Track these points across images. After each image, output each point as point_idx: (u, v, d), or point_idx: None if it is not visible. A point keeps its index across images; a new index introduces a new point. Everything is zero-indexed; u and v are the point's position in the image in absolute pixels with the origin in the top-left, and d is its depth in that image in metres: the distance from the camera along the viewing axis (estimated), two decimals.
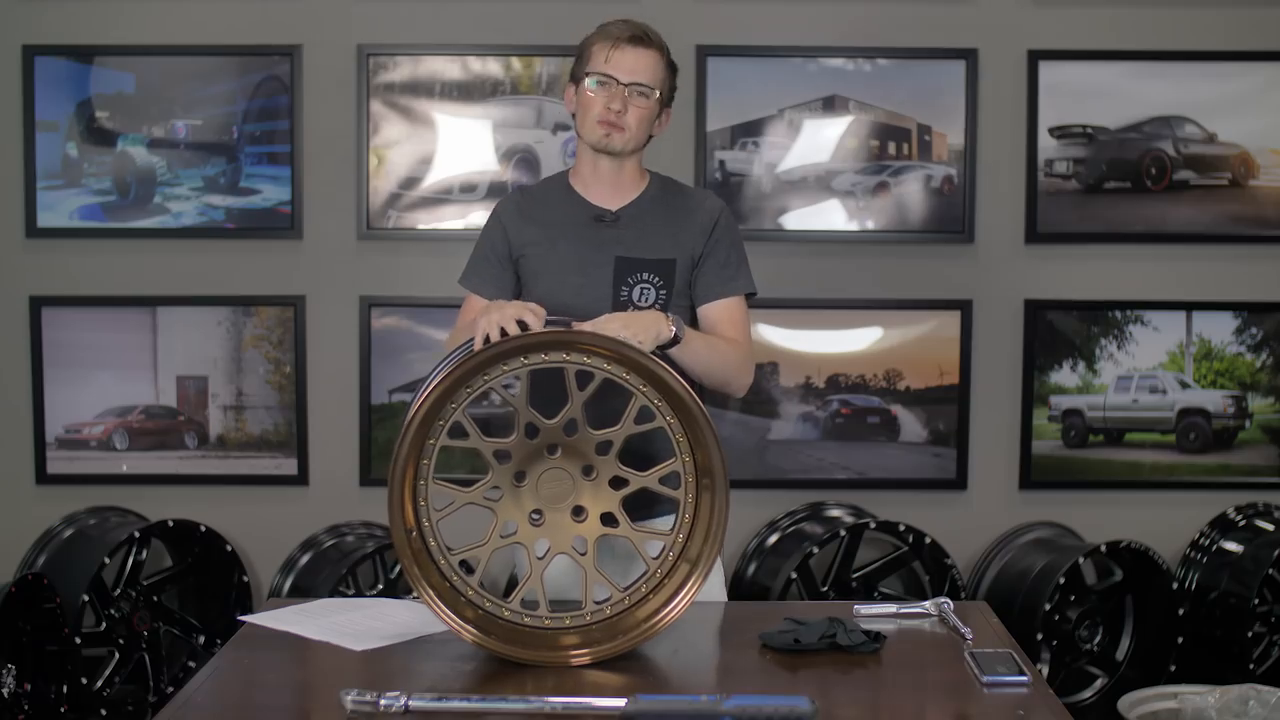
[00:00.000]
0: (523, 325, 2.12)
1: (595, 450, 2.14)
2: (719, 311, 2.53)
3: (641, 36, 2.48)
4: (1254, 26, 3.93)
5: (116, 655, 3.63)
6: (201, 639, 3.80)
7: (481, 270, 2.58)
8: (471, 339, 2.15)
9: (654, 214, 2.53)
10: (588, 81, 2.48)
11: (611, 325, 2.16)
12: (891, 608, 2.38)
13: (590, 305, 2.41)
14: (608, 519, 2.16)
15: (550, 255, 2.51)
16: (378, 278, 3.94)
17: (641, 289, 2.48)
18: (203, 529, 3.76)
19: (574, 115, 2.54)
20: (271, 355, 3.95)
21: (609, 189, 2.53)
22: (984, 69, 3.91)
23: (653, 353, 2.17)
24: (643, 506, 2.27)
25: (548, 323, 2.18)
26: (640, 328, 2.20)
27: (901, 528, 3.77)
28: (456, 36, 3.90)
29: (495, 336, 2.10)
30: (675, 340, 2.31)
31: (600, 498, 2.16)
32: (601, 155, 2.50)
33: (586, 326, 2.15)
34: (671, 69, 2.53)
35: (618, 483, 2.16)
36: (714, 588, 2.54)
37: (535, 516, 2.16)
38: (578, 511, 2.17)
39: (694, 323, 2.55)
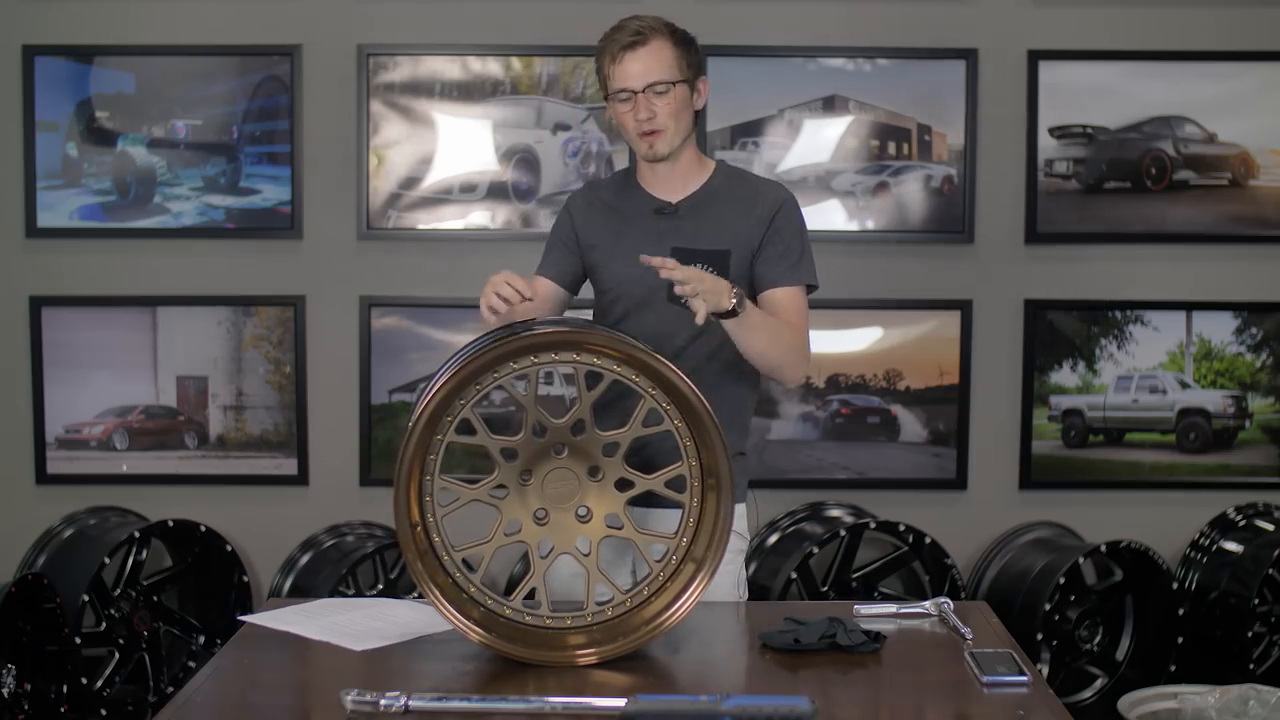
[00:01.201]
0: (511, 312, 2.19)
1: (602, 451, 2.14)
2: (776, 299, 2.54)
3: (635, 37, 2.47)
4: (1253, 26, 3.93)
5: (116, 655, 3.63)
6: (201, 639, 3.80)
7: (549, 255, 2.65)
8: (481, 336, 2.18)
9: (714, 205, 2.56)
10: (611, 102, 2.52)
11: (693, 279, 2.23)
12: (891, 608, 2.38)
13: (648, 293, 2.50)
14: (612, 520, 2.17)
15: (615, 248, 2.57)
16: (378, 278, 3.94)
17: None
18: (203, 529, 3.76)
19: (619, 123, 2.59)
20: (271, 355, 3.95)
21: (670, 182, 2.57)
22: (984, 69, 3.91)
23: (713, 316, 2.27)
24: (647, 492, 2.27)
25: (554, 323, 2.20)
26: (706, 288, 2.26)
27: (901, 528, 3.77)
28: (456, 36, 3.90)
29: (499, 306, 2.19)
30: (733, 313, 2.33)
31: (605, 499, 2.16)
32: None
33: (675, 271, 2.22)
34: (684, 44, 2.53)
35: (623, 484, 2.16)
36: (729, 584, 2.55)
37: (540, 515, 2.16)
38: (583, 512, 2.17)
39: None
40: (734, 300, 2.32)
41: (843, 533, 3.74)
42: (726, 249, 2.52)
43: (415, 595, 3.31)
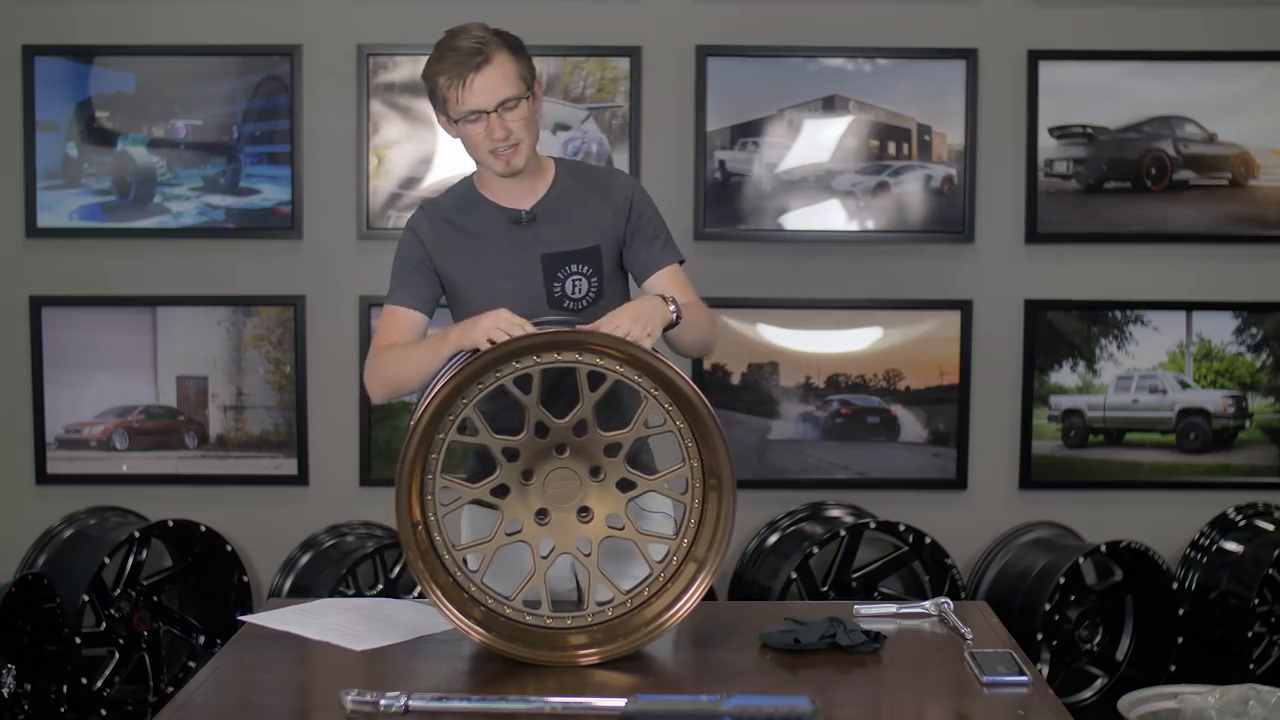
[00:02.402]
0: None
1: (604, 452, 2.14)
2: (665, 281, 2.51)
3: (479, 57, 2.39)
4: (1254, 26, 3.93)
5: (116, 655, 3.63)
6: (201, 639, 3.80)
7: (405, 283, 2.52)
8: (461, 353, 2.18)
9: (569, 204, 2.51)
10: (457, 123, 2.43)
11: (622, 322, 2.17)
12: (891, 608, 2.38)
13: (527, 307, 2.38)
14: (613, 520, 2.17)
15: (478, 265, 2.49)
16: (378, 278, 3.88)
17: (573, 281, 2.47)
18: (203, 529, 3.76)
19: (461, 143, 2.48)
20: (271, 355, 3.95)
21: (517, 190, 2.50)
22: (984, 69, 3.91)
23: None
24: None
25: (555, 323, 2.20)
26: (649, 316, 2.22)
27: (901, 528, 3.77)
28: None
29: (500, 339, 2.11)
30: (678, 319, 2.31)
31: (607, 499, 2.16)
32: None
33: (601, 326, 2.15)
34: (519, 51, 2.45)
35: (625, 485, 2.16)
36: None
37: (541, 516, 2.16)
38: (584, 512, 2.17)
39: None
40: (673, 308, 2.30)
41: (843, 533, 3.74)
42: (596, 245, 2.49)
43: (415, 595, 3.31)
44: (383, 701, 1.88)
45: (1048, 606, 3.67)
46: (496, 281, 2.46)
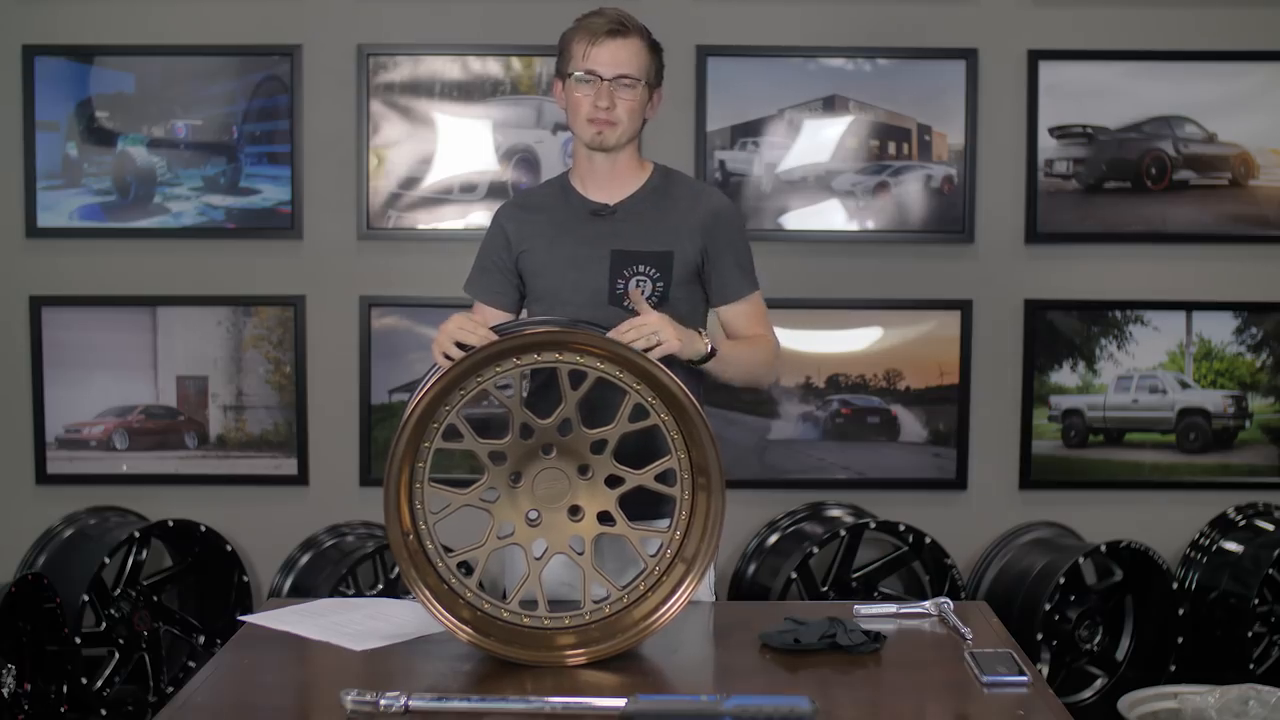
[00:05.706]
0: (467, 346, 2.13)
1: (590, 449, 2.14)
2: (742, 310, 2.56)
3: (618, 27, 2.45)
4: (1254, 26, 3.93)
5: (116, 655, 3.63)
6: (201, 639, 3.80)
7: (480, 279, 2.62)
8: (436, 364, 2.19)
9: (653, 206, 2.52)
10: (572, 79, 2.46)
11: (658, 325, 2.21)
12: (891, 608, 2.38)
13: (587, 299, 2.45)
14: (604, 518, 2.16)
15: (549, 252, 2.52)
16: (378, 278, 3.94)
17: (637, 281, 2.47)
18: (203, 529, 3.76)
19: (565, 110, 2.53)
20: (271, 355, 3.95)
21: (607, 183, 2.52)
22: (984, 69, 3.91)
23: (691, 364, 2.29)
24: (645, 510, 2.27)
25: (540, 322, 2.20)
26: (680, 334, 2.24)
27: (901, 528, 3.77)
28: (456, 36, 3.90)
29: (444, 361, 2.12)
30: (712, 354, 2.36)
31: (596, 497, 2.16)
32: (596, 152, 2.50)
33: (639, 320, 2.20)
34: (655, 50, 2.51)
35: (614, 481, 2.16)
36: (703, 588, 2.54)
37: (532, 517, 2.16)
38: (574, 511, 2.17)
39: (702, 318, 2.56)
40: (708, 344, 2.35)
41: (843, 533, 3.74)
42: (669, 250, 2.48)
43: (413, 596, 3.30)
44: (383, 701, 1.88)
45: (1048, 606, 3.67)
46: (564, 270, 2.49)
